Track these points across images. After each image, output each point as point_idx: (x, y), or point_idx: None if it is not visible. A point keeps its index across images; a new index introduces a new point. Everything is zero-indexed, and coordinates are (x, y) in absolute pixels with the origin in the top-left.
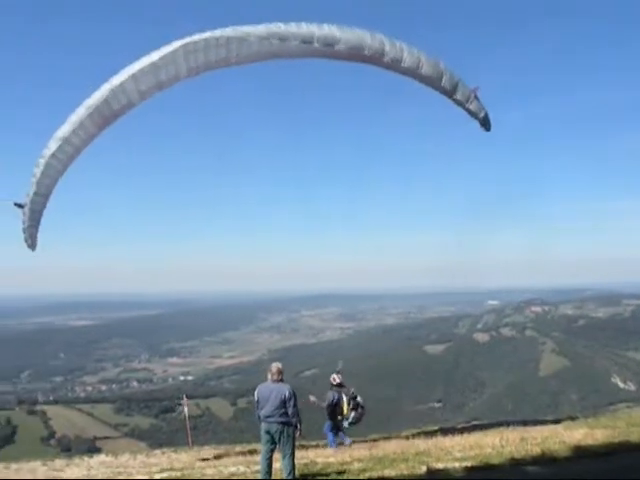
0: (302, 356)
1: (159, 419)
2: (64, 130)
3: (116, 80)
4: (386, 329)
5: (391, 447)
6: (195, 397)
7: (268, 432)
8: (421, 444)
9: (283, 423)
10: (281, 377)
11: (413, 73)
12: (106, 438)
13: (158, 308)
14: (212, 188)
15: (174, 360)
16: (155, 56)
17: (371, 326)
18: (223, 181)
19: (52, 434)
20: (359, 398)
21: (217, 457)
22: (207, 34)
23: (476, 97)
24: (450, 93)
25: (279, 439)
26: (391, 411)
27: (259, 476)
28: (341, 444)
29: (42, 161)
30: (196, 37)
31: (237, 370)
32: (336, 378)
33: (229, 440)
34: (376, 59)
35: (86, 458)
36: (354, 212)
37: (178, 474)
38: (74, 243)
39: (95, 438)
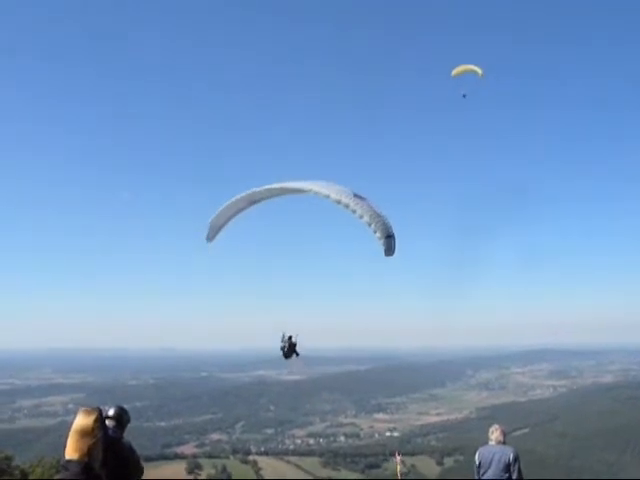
0: (512, 415)
1: (365, 474)
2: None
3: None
4: (604, 387)
5: None
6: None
7: None
8: None
9: None
10: (504, 439)
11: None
12: None
13: (366, 364)
14: None
15: (380, 416)
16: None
17: (587, 384)
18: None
19: None
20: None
21: None
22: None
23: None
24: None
25: None
26: (614, 478)
27: None
28: None
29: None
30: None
31: (444, 428)
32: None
33: None
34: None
35: None
36: (571, 260)
37: None
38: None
39: None
